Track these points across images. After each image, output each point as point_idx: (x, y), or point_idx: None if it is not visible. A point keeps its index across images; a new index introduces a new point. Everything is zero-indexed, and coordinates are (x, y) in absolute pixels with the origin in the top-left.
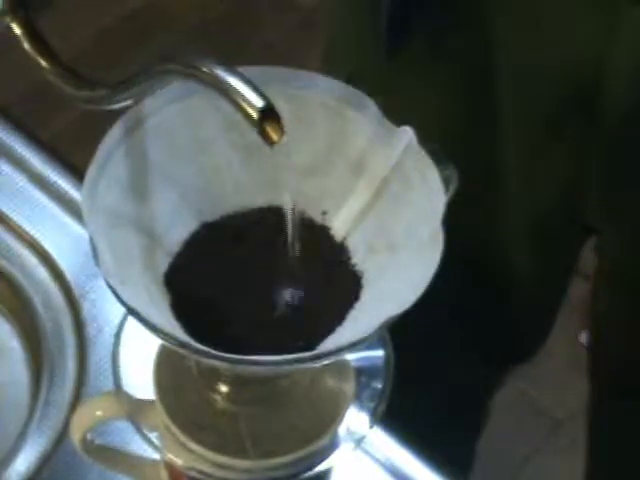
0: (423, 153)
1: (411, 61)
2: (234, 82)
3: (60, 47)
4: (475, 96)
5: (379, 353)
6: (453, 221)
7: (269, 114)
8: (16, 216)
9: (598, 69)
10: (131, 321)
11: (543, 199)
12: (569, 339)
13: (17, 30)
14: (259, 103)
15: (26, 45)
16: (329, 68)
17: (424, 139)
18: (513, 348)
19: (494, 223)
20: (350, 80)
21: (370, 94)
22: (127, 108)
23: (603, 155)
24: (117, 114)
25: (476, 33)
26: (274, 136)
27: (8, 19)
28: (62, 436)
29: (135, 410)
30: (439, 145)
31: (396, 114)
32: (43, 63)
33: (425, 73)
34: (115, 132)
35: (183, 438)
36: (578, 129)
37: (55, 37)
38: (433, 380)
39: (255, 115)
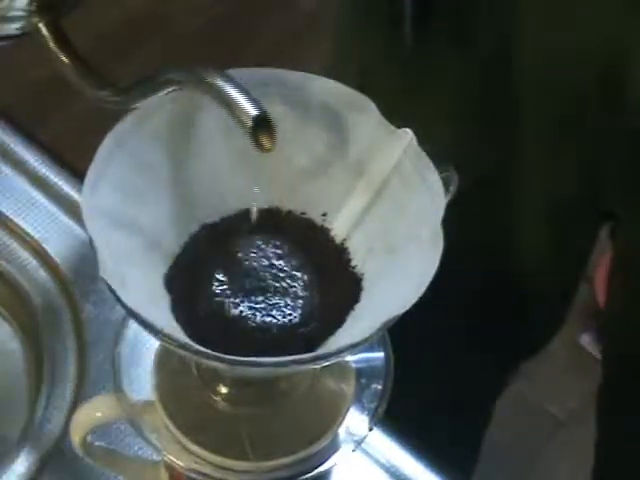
0: (423, 154)
1: (428, 56)
2: (230, 90)
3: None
4: (492, 85)
5: (379, 354)
6: (470, 208)
7: (263, 122)
8: (16, 217)
9: (621, 58)
10: (131, 322)
11: (561, 186)
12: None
13: (44, 31)
14: (253, 111)
15: (52, 45)
16: (339, 65)
17: (440, 132)
18: (521, 343)
19: (511, 209)
20: (364, 75)
21: (385, 88)
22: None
23: (623, 143)
24: (117, 116)
25: (495, 27)
26: (267, 144)
27: (36, 20)
28: (62, 437)
29: (135, 411)
30: (456, 130)
31: (410, 110)
32: (66, 61)
33: (442, 67)
34: (115, 134)
35: (183, 439)
36: (599, 116)
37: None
38: (434, 380)
39: (249, 123)
